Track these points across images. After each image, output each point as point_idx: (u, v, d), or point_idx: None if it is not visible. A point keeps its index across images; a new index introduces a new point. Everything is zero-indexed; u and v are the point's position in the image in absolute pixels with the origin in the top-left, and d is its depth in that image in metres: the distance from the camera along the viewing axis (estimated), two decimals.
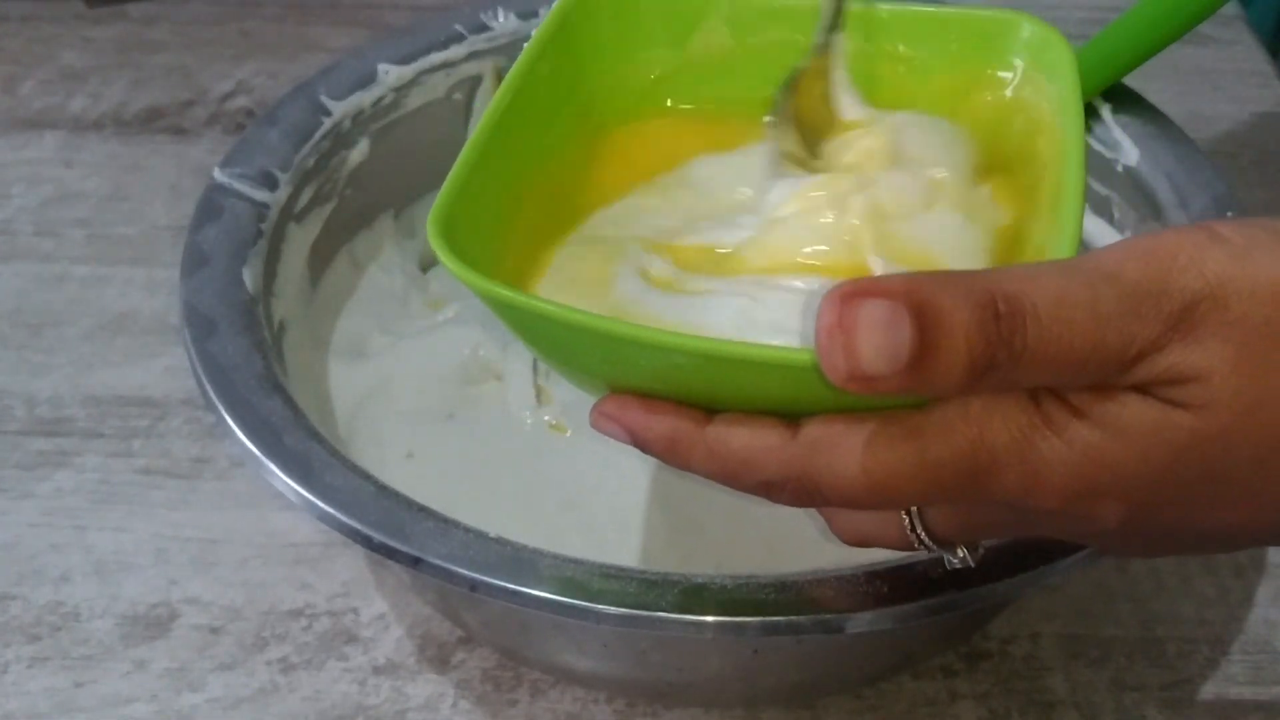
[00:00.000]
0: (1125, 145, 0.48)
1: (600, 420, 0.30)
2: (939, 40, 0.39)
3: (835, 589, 0.34)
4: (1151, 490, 0.26)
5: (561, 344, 0.31)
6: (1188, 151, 0.47)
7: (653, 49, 0.40)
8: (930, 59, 0.39)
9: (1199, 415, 0.25)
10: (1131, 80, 0.48)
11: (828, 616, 0.34)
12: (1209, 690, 0.43)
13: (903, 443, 0.27)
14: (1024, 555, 0.35)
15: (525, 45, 0.37)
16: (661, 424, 0.29)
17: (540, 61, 0.37)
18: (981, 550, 0.32)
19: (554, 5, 0.39)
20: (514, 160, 0.35)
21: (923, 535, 0.30)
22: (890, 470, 0.27)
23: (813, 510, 0.43)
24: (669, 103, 0.41)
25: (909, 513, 0.30)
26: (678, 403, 0.29)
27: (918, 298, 0.24)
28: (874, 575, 0.34)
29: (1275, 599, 0.46)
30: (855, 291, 0.25)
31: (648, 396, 0.30)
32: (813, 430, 0.28)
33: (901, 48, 0.40)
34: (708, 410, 0.29)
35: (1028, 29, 0.38)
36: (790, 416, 0.28)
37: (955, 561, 0.32)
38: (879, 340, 0.24)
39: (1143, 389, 0.26)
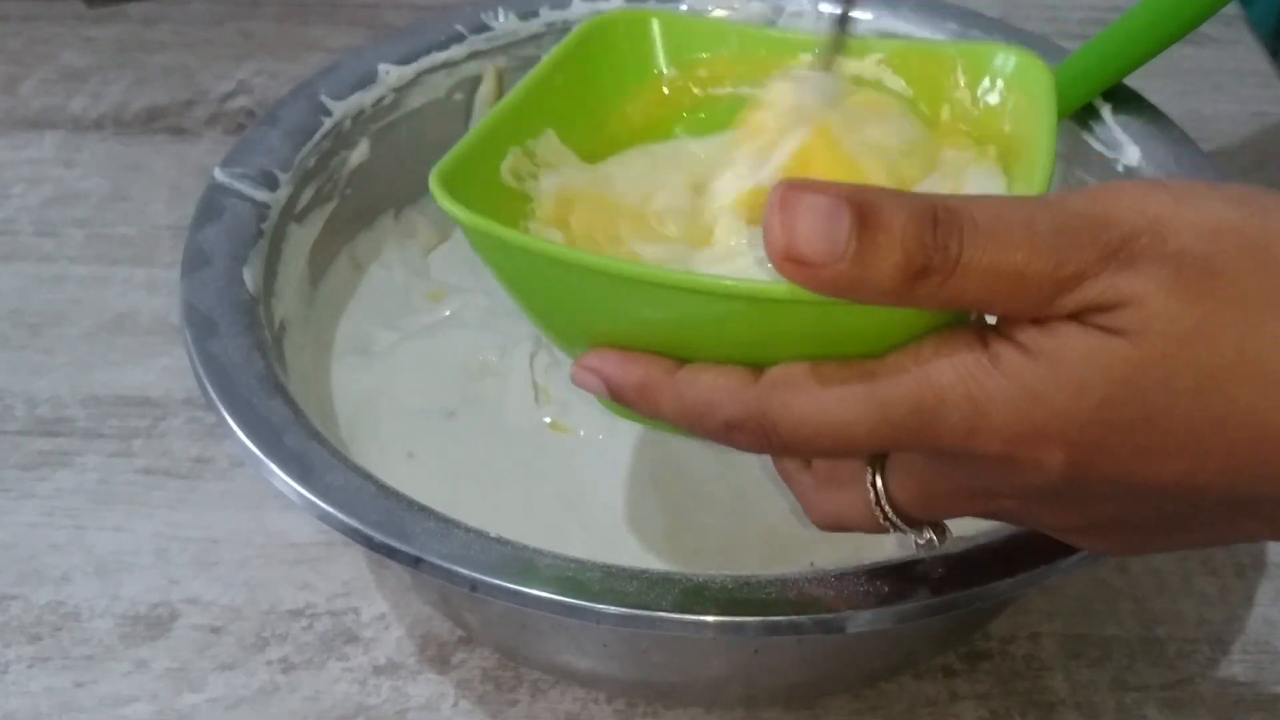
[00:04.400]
0: (1125, 145, 0.48)
1: (579, 373, 0.32)
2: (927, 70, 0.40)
3: (836, 589, 0.34)
4: (1090, 429, 0.26)
5: (545, 286, 0.32)
6: (1188, 151, 0.47)
7: (660, 84, 0.42)
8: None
9: (1134, 342, 0.25)
10: (1132, 80, 0.48)
11: (828, 616, 0.34)
12: (1210, 690, 0.43)
13: (855, 382, 0.28)
14: (1024, 555, 0.35)
15: (543, 58, 0.40)
16: (635, 372, 0.31)
17: (556, 73, 0.39)
18: (949, 534, 0.32)
19: (577, 27, 0.41)
20: (524, 140, 0.38)
21: (887, 510, 0.31)
22: (843, 409, 0.28)
23: None
24: (677, 131, 0.42)
25: (874, 487, 0.31)
26: (653, 354, 0.31)
27: (860, 197, 0.26)
28: (875, 575, 0.34)
29: (1276, 598, 0.46)
30: (802, 184, 0.26)
31: (625, 349, 0.31)
32: (774, 372, 0.29)
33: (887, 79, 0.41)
34: (681, 362, 0.31)
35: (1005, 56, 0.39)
36: (760, 367, 0.30)
37: (921, 542, 0.32)
38: (819, 224, 0.26)
39: (1079, 317, 0.26)
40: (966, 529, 0.36)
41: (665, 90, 0.41)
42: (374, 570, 0.46)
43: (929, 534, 0.32)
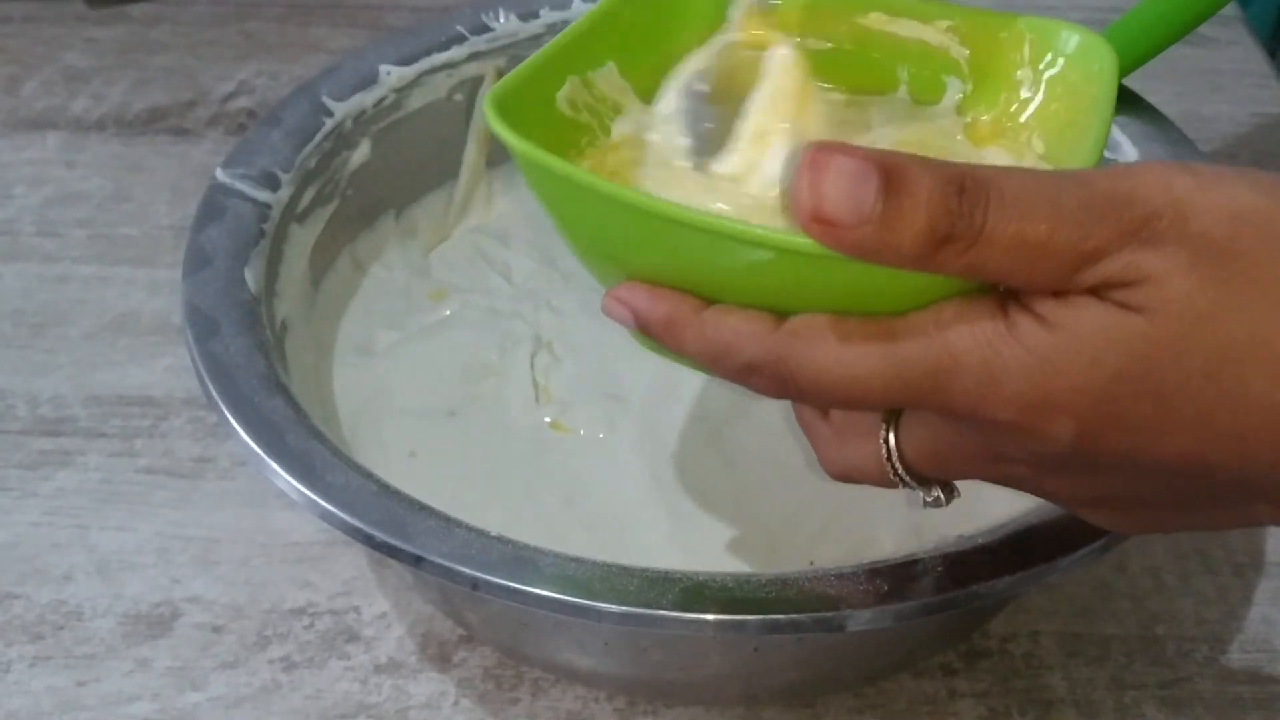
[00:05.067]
0: (1124, 145, 0.48)
1: (610, 304, 0.32)
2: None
3: (835, 587, 0.34)
4: (1101, 402, 0.27)
5: (586, 217, 0.33)
6: (1187, 152, 0.47)
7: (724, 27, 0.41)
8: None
9: (1150, 319, 0.26)
10: (1130, 81, 0.48)
11: (828, 614, 0.34)
12: (1208, 689, 0.43)
13: (876, 338, 0.28)
14: (1023, 554, 0.35)
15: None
16: (662, 306, 0.31)
17: (625, 5, 0.39)
18: (957, 494, 0.33)
19: None
20: (584, 71, 0.37)
21: (898, 465, 0.31)
22: (860, 361, 0.28)
23: (812, 506, 0.44)
24: None
25: (886, 441, 0.31)
26: (681, 292, 0.31)
27: (888, 162, 0.26)
28: (874, 573, 0.34)
29: (1274, 598, 0.46)
30: (831, 146, 0.26)
31: (654, 285, 0.32)
32: (797, 322, 0.29)
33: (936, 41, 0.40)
34: (707, 302, 0.31)
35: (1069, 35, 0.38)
36: (783, 315, 0.30)
37: (929, 499, 0.32)
38: (845, 186, 0.26)
39: (1099, 292, 0.26)
40: (966, 528, 0.36)
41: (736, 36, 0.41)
42: (375, 569, 0.47)
43: (937, 492, 0.32)
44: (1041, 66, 0.38)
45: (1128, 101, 0.49)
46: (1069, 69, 0.38)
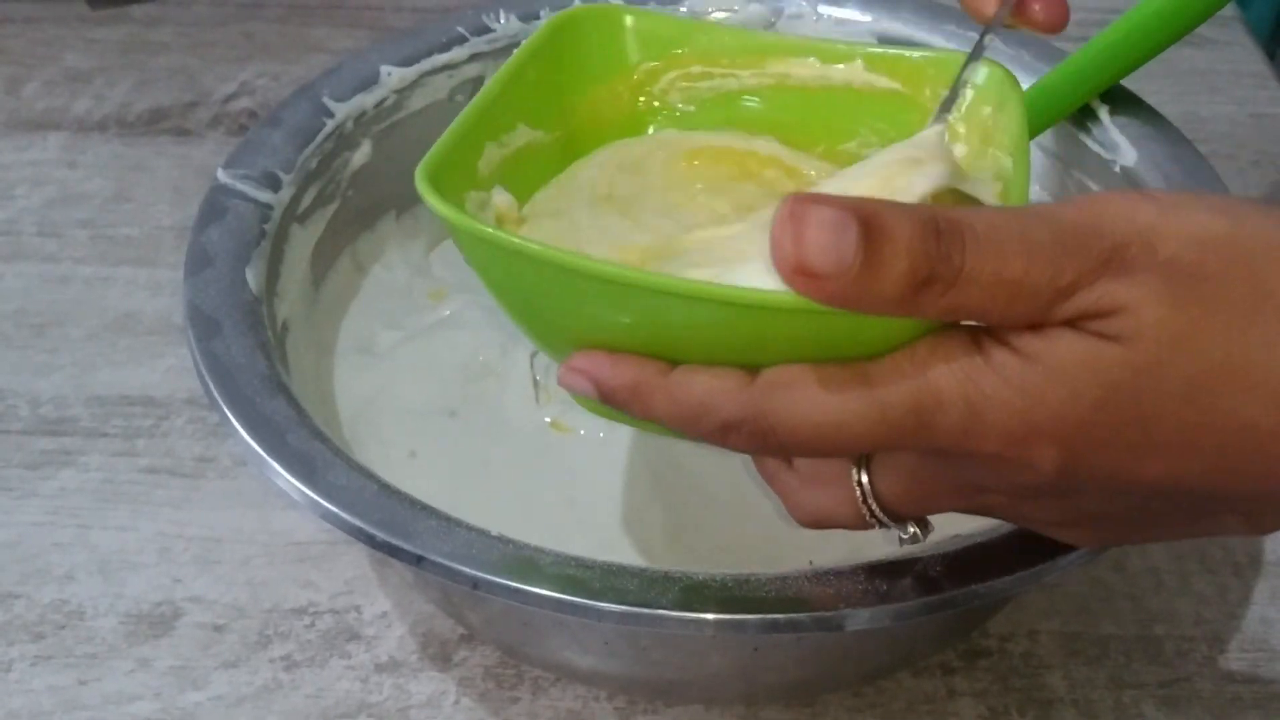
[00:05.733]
0: (1123, 146, 0.48)
1: (567, 374, 0.32)
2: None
3: (835, 587, 0.34)
4: (1084, 430, 0.27)
5: (531, 285, 0.32)
6: (1185, 152, 0.47)
7: (631, 76, 0.42)
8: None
9: (1127, 347, 0.26)
10: (1129, 81, 0.48)
11: (827, 614, 0.34)
12: (1207, 688, 0.43)
13: (854, 384, 0.28)
14: (1022, 553, 0.35)
15: (515, 50, 0.40)
16: (626, 373, 0.31)
17: (527, 67, 0.39)
18: (932, 529, 0.33)
19: (544, 21, 0.41)
20: (499, 136, 0.38)
21: (874, 507, 0.31)
22: (841, 408, 0.28)
23: None
24: (650, 129, 0.42)
25: (860, 484, 0.31)
26: (642, 356, 0.31)
27: (865, 210, 0.26)
28: (874, 573, 0.34)
29: (1273, 597, 0.46)
30: (808, 198, 0.26)
31: (613, 351, 0.31)
32: (771, 374, 0.29)
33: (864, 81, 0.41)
34: (671, 363, 0.30)
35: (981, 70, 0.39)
36: (752, 368, 0.29)
37: (905, 536, 0.32)
38: (826, 238, 0.26)
39: (1074, 324, 0.27)
40: (965, 528, 0.36)
41: (635, 79, 0.42)
42: (376, 569, 0.47)
43: (913, 528, 0.32)
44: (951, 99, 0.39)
45: (1126, 102, 0.49)
46: (979, 102, 0.38)
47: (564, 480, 0.45)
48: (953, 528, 0.36)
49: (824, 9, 0.55)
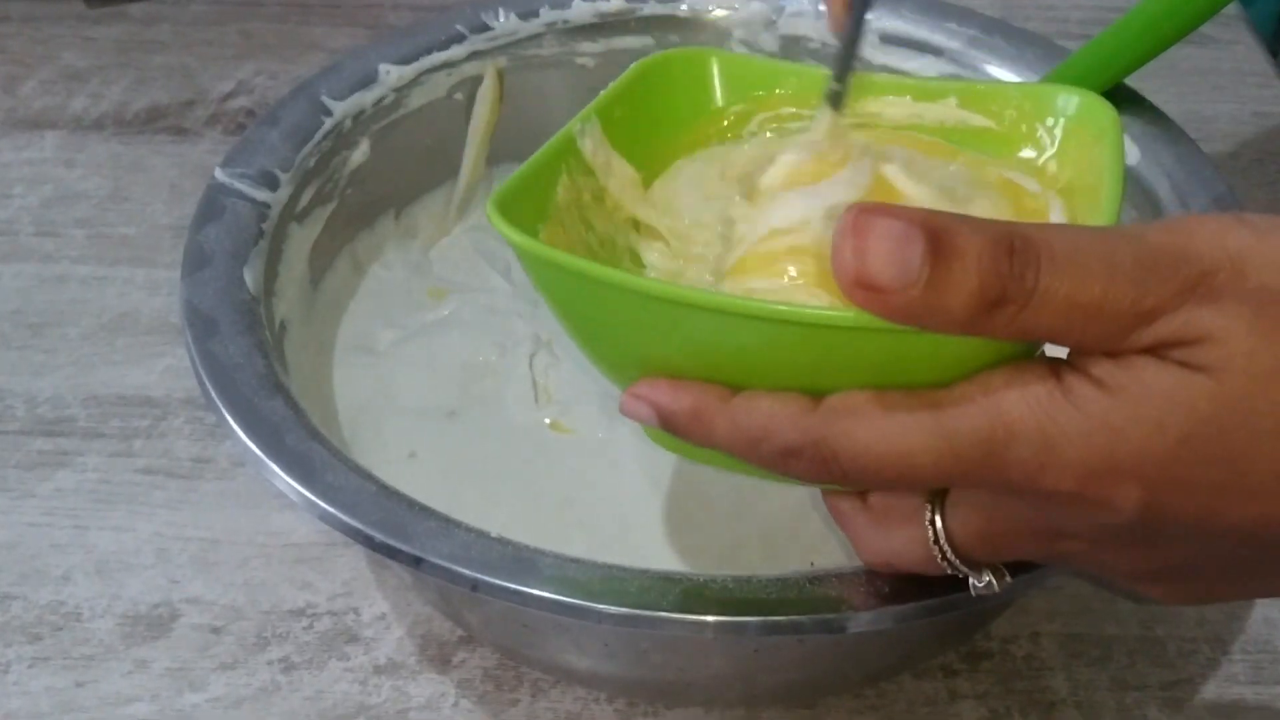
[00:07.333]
0: (1126, 145, 0.47)
1: (629, 402, 0.31)
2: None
3: (836, 589, 0.34)
4: (1168, 467, 0.25)
5: (598, 311, 0.32)
6: (1188, 151, 0.47)
7: (720, 121, 0.41)
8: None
9: (1215, 379, 0.25)
10: (1132, 80, 0.48)
11: (829, 616, 0.34)
12: (1210, 690, 0.43)
13: (922, 412, 0.27)
14: None
15: (608, 87, 0.39)
16: (687, 398, 0.30)
17: (614, 106, 0.39)
18: (1008, 578, 0.31)
19: (633, 64, 0.40)
20: (576, 174, 0.37)
21: (946, 548, 0.30)
22: (907, 438, 0.27)
23: (812, 506, 0.44)
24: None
25: (932, 524, 0.30)
26: (704, 382, 0.30)
27: (934, 222, 0.25)
28: (875, 574, 0.34)
29: (1275, 599, 0.46)
30: (873, 208, 0.25)
31: (675, 377, 0.30)
32: (835, 399, 0.28)
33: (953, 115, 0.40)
34: (733, 389, 0.30)
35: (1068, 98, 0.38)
36: (816, 394, 0.29)
37: (980, 585, 0.31)
38: (890, 250, 0.25)
39: (1157, 352, 0.25)
40: None
41: (724, 124, 0.41)
42: (374, 570, 0.46)
43: (988, 576, 0.31)
44: (1044, 129, 0.38)
45: (1129, 101, 0.49)
46: (1073, 131, 0.37)
47: (564, 481, 0.45)
48: None
49: (824, 7, 0.55)
